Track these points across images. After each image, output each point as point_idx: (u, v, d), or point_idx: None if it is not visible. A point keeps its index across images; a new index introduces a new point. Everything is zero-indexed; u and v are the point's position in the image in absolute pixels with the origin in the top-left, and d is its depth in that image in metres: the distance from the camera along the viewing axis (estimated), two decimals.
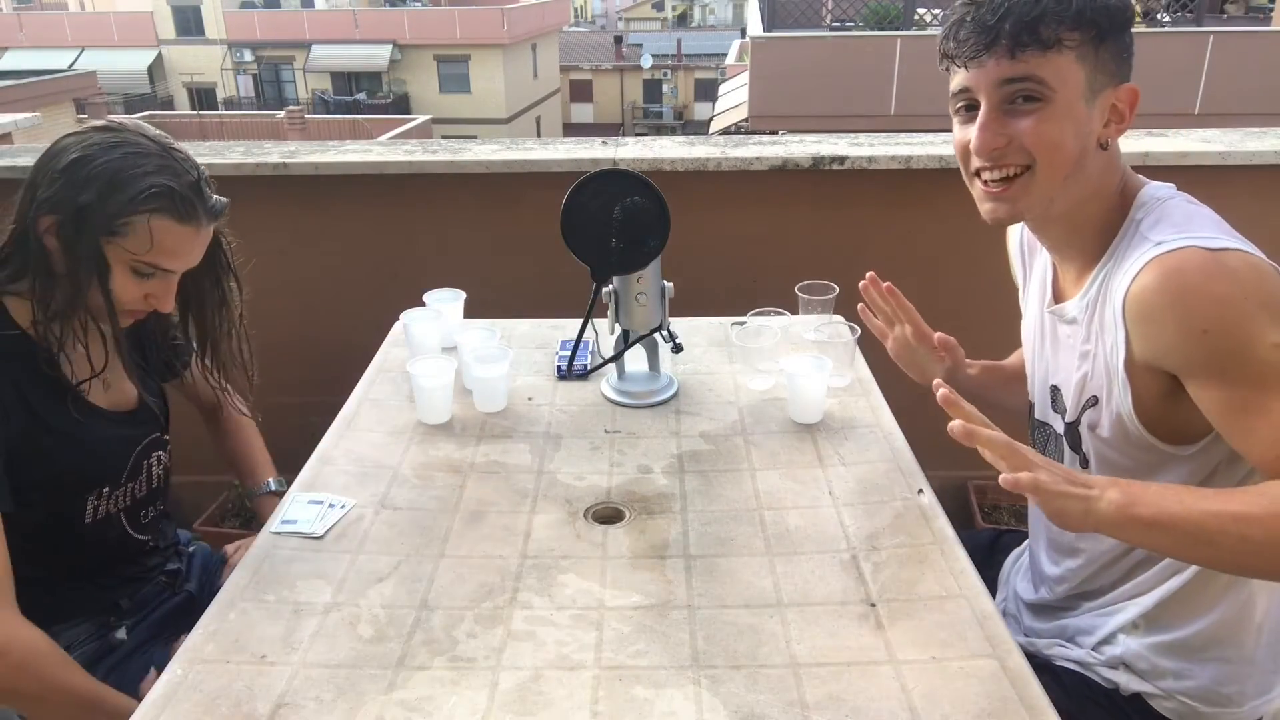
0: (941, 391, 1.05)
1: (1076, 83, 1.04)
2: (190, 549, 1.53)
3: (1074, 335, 1.16)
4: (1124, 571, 1.18)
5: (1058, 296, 1.22)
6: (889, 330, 1.44)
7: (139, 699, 0.98)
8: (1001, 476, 0.98)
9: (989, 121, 1.08)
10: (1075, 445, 1.19)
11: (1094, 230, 1.12)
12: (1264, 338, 0.96)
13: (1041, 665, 1.24)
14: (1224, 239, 1.00)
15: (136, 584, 1.39)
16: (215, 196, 1.24)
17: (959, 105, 1.12)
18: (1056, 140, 1.06)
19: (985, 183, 1.12)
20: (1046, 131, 1.05)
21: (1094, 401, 1.14)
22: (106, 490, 1.29)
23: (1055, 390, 1.22)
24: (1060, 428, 1.22)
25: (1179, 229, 1.02)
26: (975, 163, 1.11)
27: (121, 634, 1.35)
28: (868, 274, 1.40)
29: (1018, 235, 1.36)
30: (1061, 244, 1.18)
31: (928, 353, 1.41)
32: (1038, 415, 1.27)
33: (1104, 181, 1.11)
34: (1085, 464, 1.18)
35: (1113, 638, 1.19)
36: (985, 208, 1.14)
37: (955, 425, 1.02)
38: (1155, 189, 1.11)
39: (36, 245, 1.15)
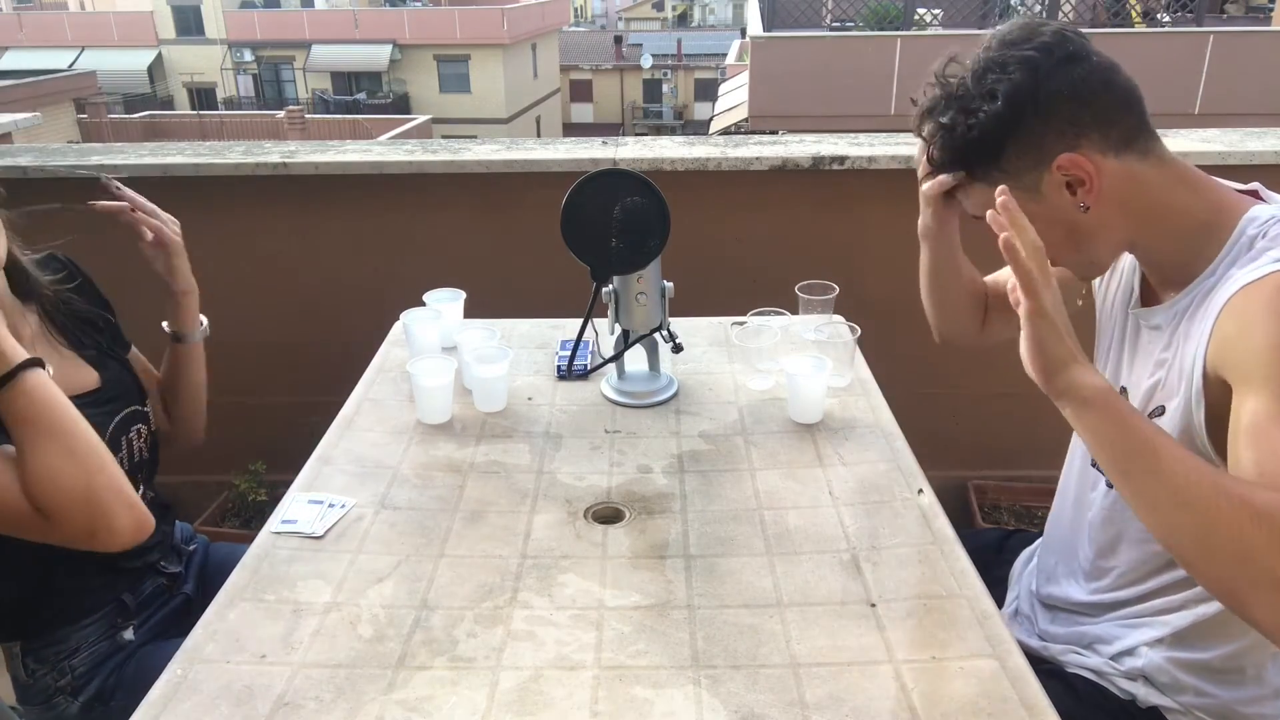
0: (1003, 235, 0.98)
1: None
2: (190, 547, 1.53)
3: (1154, 341, 1.12)
4: (1159, 586, 1.15)
5: (1145, 299, 1.18)
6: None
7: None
8: (1004, 239, 0.94)
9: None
10: None
11: (1188, 247, 1.07)
12: None
13: (1054, 671, 1.23)
14: None
15: (136, 576, 1.39)
16: None
17: None
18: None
19: None
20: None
21: (1160, 411, 1.10)
22: None
23: (1123, 391, 1.18)
24: None
25: None
26: None
27: (129, 634, 1.35)
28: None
29: None
30: (1143, 261, 1.15)
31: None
32: None
33: (1153, 214, 1.06)
34: None
35: (1135, 650, 1.17)
36: None
37: (1005, 237, 0.96)
38: (1265, 208, 1.05)
39: None
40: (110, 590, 1.35)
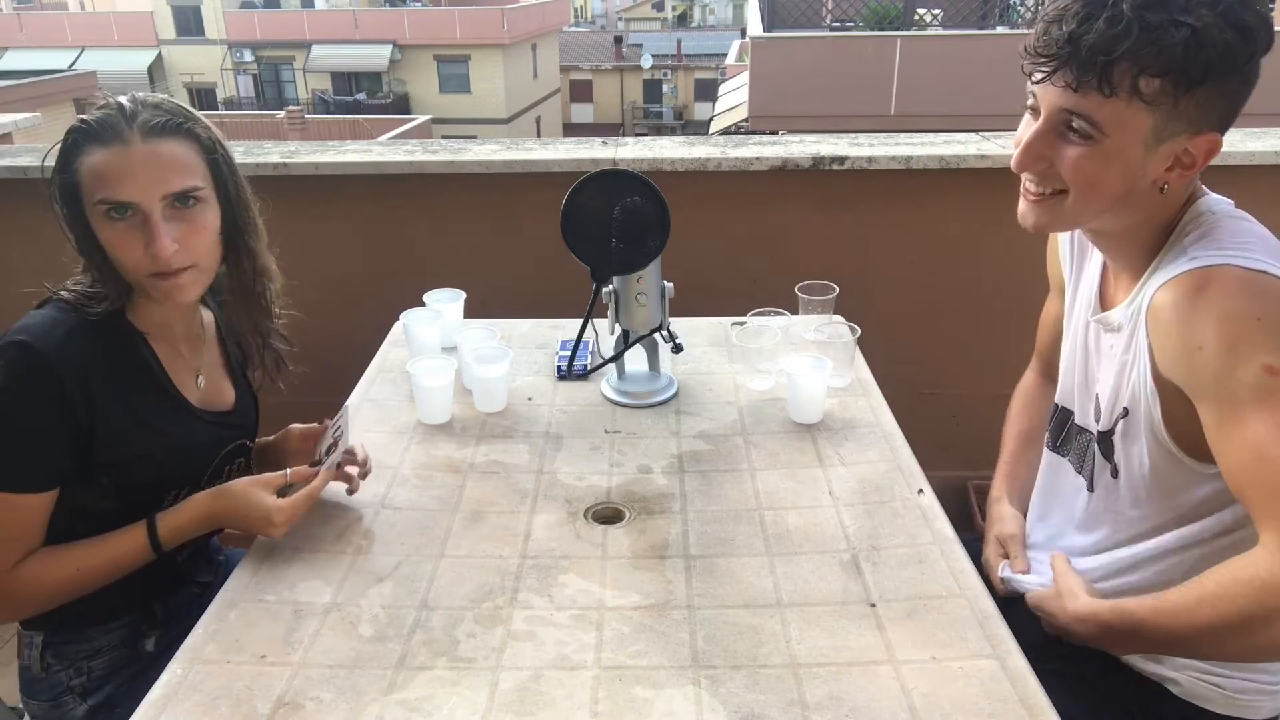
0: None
1: (1138, 129, 0.98)
2: (221, 557, 1.53)
3: (1116, 344, 1.14)
4: (1148, 575, 1.17)
5: (1105, 304, 1.19)
6: None
7: None
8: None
9: (1036, 140, 1.05)
10: (1108, 454, 1.18)
11: (1152, 242, 1.09)
12: (1255, 357, 0.94)
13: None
14: (1268, 262, 0.97)
15: (173, 587, 1.39)
16: (153, 113, 1.19)
17: (1028, 103, 1.07)
18: (1095, 179, 1.03)
19: (1025, 187, 1.11)
20: (1086, 169, 1.02)
21: (1126, 413, 1.13)
22: (187, 491, 1.27)
23: (1097, 398, 1.20)
24: (1095, 434, 1.21)
25: (1220, 246, 1.00)
26: None
27: (150, 645, 1.34)
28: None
29: (1067, 235, 1.32)
30: (1116, 252, 1.16)
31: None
32: (1077, 420, 1.26)
33: (1162, 208, 1.07)
34: (1115, 473, 1.17)
35: None
36: (1020, 208, 1.12)
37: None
38: (1211, 202, 1.08)
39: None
40: (144, 596, 1.35)
